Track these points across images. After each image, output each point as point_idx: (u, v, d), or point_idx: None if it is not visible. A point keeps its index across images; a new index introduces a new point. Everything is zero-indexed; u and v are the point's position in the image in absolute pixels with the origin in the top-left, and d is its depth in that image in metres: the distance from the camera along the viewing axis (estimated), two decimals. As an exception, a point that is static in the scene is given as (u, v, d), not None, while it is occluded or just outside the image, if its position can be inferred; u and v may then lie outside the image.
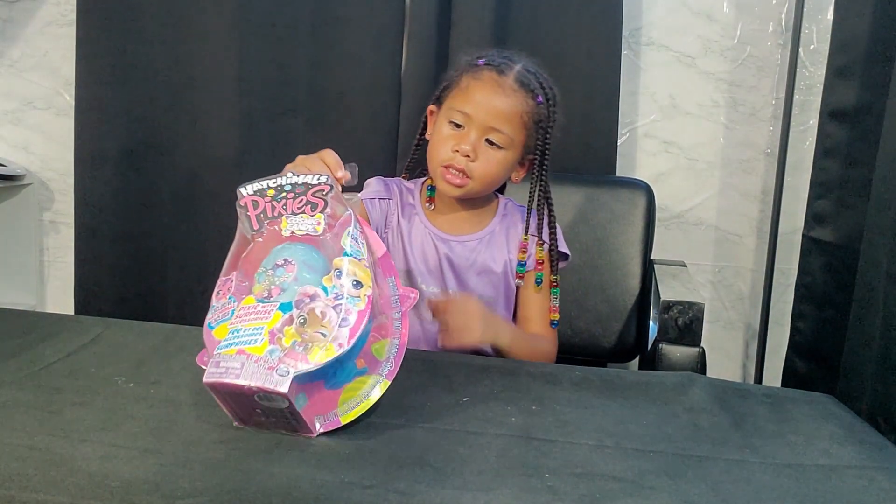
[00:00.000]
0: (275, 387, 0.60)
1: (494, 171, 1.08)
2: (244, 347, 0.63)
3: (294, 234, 0.69)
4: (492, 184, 1.11)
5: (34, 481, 0.56)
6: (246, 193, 0.72)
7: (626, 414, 0.77)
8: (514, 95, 1.05)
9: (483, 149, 1.06)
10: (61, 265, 1.89)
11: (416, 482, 0.59)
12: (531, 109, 1.06)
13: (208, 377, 0.62)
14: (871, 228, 1.06)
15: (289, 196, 0.71)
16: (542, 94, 1.07)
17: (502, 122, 1.05)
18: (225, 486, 0.57)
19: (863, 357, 1.02)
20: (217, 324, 0.67)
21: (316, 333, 0.64)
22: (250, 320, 0.65)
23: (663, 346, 1.10)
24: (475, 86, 1.06)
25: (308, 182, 0.72)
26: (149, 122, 1.67)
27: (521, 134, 1.07)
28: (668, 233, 1.67)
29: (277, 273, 0.67)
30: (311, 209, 0.70)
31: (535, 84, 1.07)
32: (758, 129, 1.62)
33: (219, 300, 0.69)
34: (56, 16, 1.77)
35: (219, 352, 0.63)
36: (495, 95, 1.05)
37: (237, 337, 0.64)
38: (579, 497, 0.59)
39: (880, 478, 0.66)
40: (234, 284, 0.69)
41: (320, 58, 1.62)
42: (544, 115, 1.08)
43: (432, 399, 0.77)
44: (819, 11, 1.55)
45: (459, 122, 1.06)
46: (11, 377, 0.77)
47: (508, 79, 1.06)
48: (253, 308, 0.66)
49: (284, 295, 0.66)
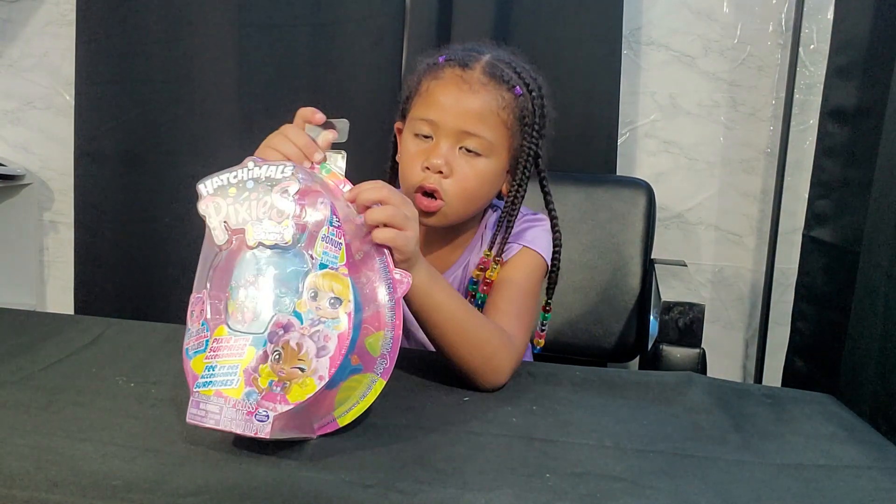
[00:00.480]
0: (255, 433, 0.58)
1: (474, 187, 0.90)
2: (221, 389, 0.59)
3: (261, 244, 0.63)
4: (473, 203, 0.93)
5: (36, 480, 0.56)
6: (206, 192, 0.66)
7: (627, 414, 0.77)
8: (485, 90, 0.89)
9: (459, 161, 0.89)
10: (61, 265, 1.89)
11: (417, 482, 0.59)
12: (510, 104, 0.90)
13: (190, 418, 0.60)
14: (872, 228, 1.06)
15: (252, 196, 0.64)
16: (520, 85, 0.91)
17: (476, 124, 0.88)
18: (225, 484, 0.57)
19: (863, 357, 1.02)
20: (194, 354, 0.64)
21: (293, 370, 0.60)
22: (224, 356, 0.61)
23: (664, 348, 1.10)
24: (437, 87, 0.91)
25: (271, 176, 0.64)
26: (149, 122, 1.67)
27: (504, 135, 0.91)
28: (669, 232, 1.67)
29: (250, 293, 0.62)
30: (278, 215, 0.63)
31: (509, 74, 0.91)
32: (758, 128, 1.62)
33: (193, 323, 0.65)
34: (56, 16, 1.77)
35: (197, 390, 0.61)
36: (462, 94, 0.89)
37: (213, 375, 0.60)
38: (580, 497, 0.59)
39: (881, 478, 0.66)
40: (209, 305, 0.64)
41: (320, 58, 1.62)
42: (529, 110, 0.92)
43: (433, 399, 0.77)
44: (819, 11, 1.55)
45: (426, 132, 0.90)
46: (12, 377, 0.77)
47: (475, 72, 0.90)
48: (226, 341, 0.61)
49: (256, 323, 0.61)
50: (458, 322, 0.78)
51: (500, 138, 0.91)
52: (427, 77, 0.93)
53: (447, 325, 0.78)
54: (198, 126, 1.66)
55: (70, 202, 1.76)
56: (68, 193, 1.78)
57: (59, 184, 1.85)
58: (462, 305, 0.80)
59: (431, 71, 0.93)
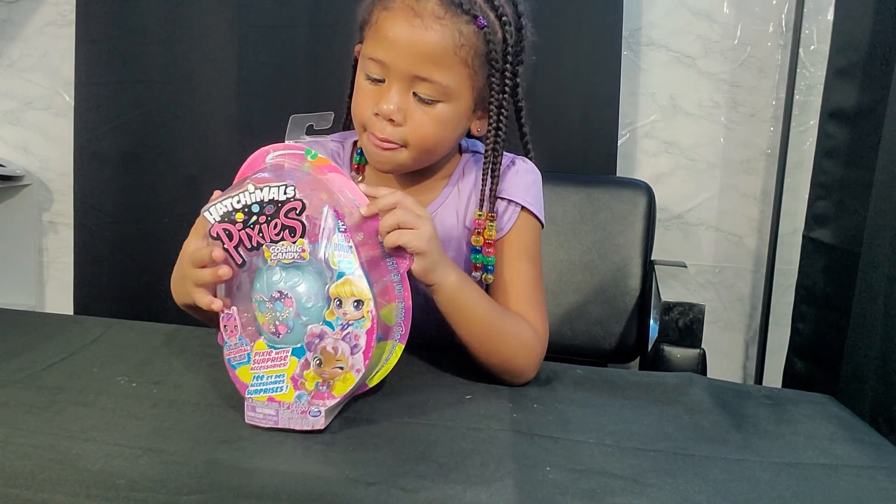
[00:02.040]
0: (312, 427, 0.67)
1: (434, 133, 0.81)
2: (273, 395, 0.67)
3: (280, 262, 0.67)
4: (435, 148, 0.84)
5: (39, 479, 0.56)
6: (214, 220, 0.67)
7: (628, 413, 0.77)
8: (439, 24, 0.77)
9: (413, 106, 0.80)
10: (61, 266, 1.89)
11: (420, 477, 0.59)
12: (470, 40, 0.78)
13: (250, 420, 0.68)
14: (872, 229, 1.06)
15: (260, 220, 0.67)
16: (484, 13, 0.79)
17: (428, 68, 0.77)
18: (228, 483, 0.57)
19: (863, 358, 1.02)
20: (237, 364, 0.70)
21: (334, 370, 0.67)
22: (268, 367, 0.68)
23: (664, 348, 1.10)
24: (386, 20, 0.79)
25: (276, 199, 0.66)
26: (148, 123, 1.67)
27: (464, 75, 0.79)
28: (669, 233, 1.67)
29: (277, 308, 0.67)
30: (291, 234, 0.66)
31: (472, 2, 0.78)
32: (758, 129, 1.62)
33: (229, 336, 0.70)
34: (55, 16, 1.77)
35: (250, 396, 0.68)
36: (414, 30, 0.77)
37: (262, 384, 0.68)
38: (580, 492, 0.59)
39: (880, 477, 0.66)
40: (240, 321, 0.70)
41: (319, 58, 1.62)
42: (497, 41, 0.80)
43: (435, 396, 0.77)
44: (819, 12, 1.56)
45: (377, 75, 0.80)
46: (13, 377, 0.77)
47: (429, 1, 0.77)
48: (267, 354, 0.68)
49: (292, 335, 0.68)
50: (486, 322, 0.79)
51: (460, 79, 0.80)
52: (378, 4, 0.81)
53: (474, 326, 0.79)
54: (197, 126, 1.66)
55: (69, 203, 1.76)
56: (68, 194, 1.78)
57: (58, 184, 1.85)
58: (490, 306, 0.81)
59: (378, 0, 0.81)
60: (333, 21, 1.60)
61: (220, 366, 0.81)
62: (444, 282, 0.76)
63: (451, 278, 0.76)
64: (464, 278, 0.79)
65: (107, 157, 1.69)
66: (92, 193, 1.70)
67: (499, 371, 0.82)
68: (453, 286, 0.76)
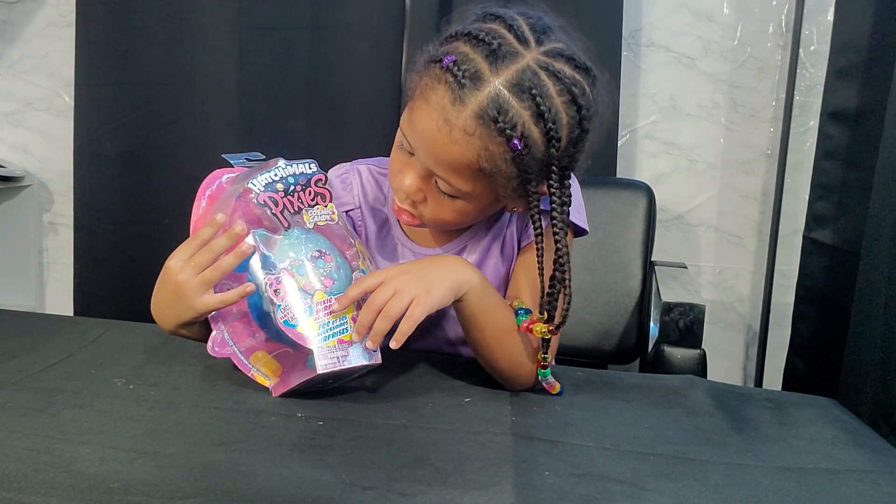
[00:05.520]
0: (375, 361, 0.75)
1: (452, 220, 0.81)
2: (342, 337, 0.74)
3: (317, 224, 0.78)
4: (455, 228, 0.86)
5: (33, 482, 0.55)
6: (259, 190, 0.76)
7: (628, 416, 0.77)
8: (466, 140, 0.71)
9: (433, 191, 0.78)
10: (61, 266, 1.89)
11: (417, 482, 0.59)
12: (497, 161, 0.71)
13: (324, 368, 0.72)
14: (872, 230, 1.05)
15: (297, 189, 0.77)
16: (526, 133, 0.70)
17: (446, 172, 0.74)
18: (224, 486, 0.56)
19: (864, 359, 1.02)
20: (296, 322, 0.73)
21: None
22: (330, 314, 0.74)
23: (664, 349, 1.10)
24: (419, 110, 0.74)
25: (304, 171, 0.78)
26: (148, 124, 1.67)
27: (484, 184, 0.75)
28: (669, 234, 1.67)
29: (319, 265, 0.75)
30: (322, 199, 0.79)
31: (513, 119, 0.70)
32: (758, 130, 1.62)
33: (280, 299, 0.74)
34: (55, 17, 1.77)
35: (320, 345, 0.73)
36: (438, 136, 0.72)
37: (329, 329, 0.74)
38: (579, 497, 0.58)
39: (882, 482, 0.66)
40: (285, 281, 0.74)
41: (320, 59, 1.62)
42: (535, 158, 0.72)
43: (433, 400, 0.77)
44: (819, 13, 1.55)
45: (407, 147, 0.78)
46: (11, 378, 0.76)
47: (464, 113, 0.70)
48: (328, 302, 0.75)
49: (338, 284, 0.76)
50: (500, 327, 0.79)
51: (481, 188, 0.76)
52: (422, 79, 0.75)
53: (488, 331, 0.78)
54: (198, 127, 1.66)
55: (70, 203, 1.76)
56: (68, 195, 1.78)
57: (58, 185, 1.85)
58: (506, 311, 0.79)
59: (428, 72, 0.74)
60: (334, 23, 1.61)
61: (218, 368, 0.81)
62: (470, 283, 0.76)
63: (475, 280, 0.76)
64: (486, 283, 0.78)
65: (107, 159, 1.69)
66: (92, 194, 1.70)
67: (506, 377, 0.81)
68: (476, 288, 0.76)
